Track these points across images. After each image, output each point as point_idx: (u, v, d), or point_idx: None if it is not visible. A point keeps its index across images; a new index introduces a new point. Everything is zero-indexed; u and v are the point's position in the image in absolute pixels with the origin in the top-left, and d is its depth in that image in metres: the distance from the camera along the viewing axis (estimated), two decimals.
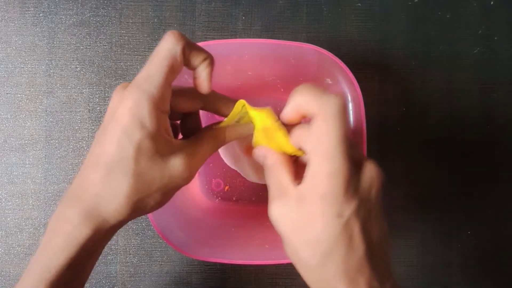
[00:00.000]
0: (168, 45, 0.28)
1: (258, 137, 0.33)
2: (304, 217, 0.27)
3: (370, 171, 0.28)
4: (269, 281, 0.48)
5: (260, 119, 0.31)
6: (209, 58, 0.30)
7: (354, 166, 0.27)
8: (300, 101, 0.28)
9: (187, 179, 0.30)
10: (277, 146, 0.31)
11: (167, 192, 0.30)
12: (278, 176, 0.30)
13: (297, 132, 0.30)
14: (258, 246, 0.41)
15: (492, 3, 0.50)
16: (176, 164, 0.29)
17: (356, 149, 0.29)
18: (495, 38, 0.50)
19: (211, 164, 0.48)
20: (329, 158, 0.26)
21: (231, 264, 0.40)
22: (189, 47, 0.29)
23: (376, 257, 0.27)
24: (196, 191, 0.47)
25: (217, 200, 0.48)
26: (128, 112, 0.27)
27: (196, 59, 0.30)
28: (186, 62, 0.29)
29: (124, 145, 0.27)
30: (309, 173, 0.27)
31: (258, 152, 0.33)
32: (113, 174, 0.28)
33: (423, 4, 0.50)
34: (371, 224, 0.27)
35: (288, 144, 0.30)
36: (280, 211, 0.29)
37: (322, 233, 0.26)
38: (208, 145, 0.31)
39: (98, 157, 0.28)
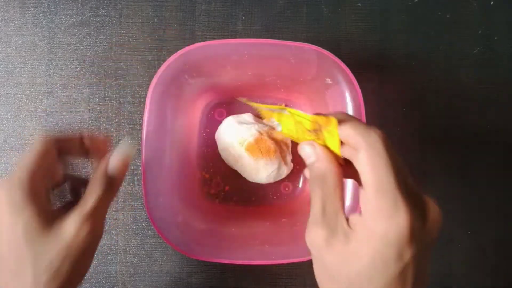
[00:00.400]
0: (38, 141, 0.31)
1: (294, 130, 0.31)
2: (355, 253, 0.25)
3: (434, 213, 0.26)
4: (269, 281, 0.48)
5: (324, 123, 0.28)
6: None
7: (414, 203, 0.25)
8: (345, 136, 0.27)
9: (89, 235, 0.30)
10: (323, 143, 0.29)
11: (76, 259, 0.29)
12: (328, 198, 0.27)
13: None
14: (258, 246, 0.41)
15: (492, 3, 0.50)
16: (68, 226, 0.29)
17: (414, 183, 0.27)
18: (495, 38, 0.50)
19: (211, 165, 0.48)
20: (386, 195, 0.24)
21: (231, 264, 0.39)
22: (61, 141, 0.33)
23: None
24: (196, 191, 0.47)
25: (217, 200, 0.48)
26: (6, 209, 0.28)
27: (72, 147, 0.34)
28: (63, 150, 0.33)
29: (12, 240, 0.28)
30: (366, 208, 0.25)
31: (307, 150, 0.29)
32: (14, 269, 0.28)
33: (423, 4, 0.50)
34: (424, 267, 0.26)
35: (338, 148, 0.28)
36: (325, 240, 0.26)
37: (377, 274, 0.25)
38: (96, 194, 0.31)
39: None
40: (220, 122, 0.47)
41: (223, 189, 0.48)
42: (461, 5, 0.50)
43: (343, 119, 0.28)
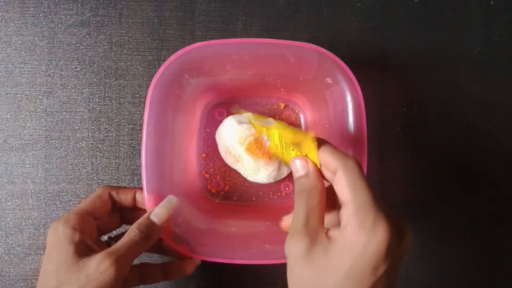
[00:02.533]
0: (97, 192, 0.39)
1: (276, 144, 0.34)
2: (333, 265, 0.26)
3: (410, 233, 0.28)
4: (269, 281, 0.48)
5: (299, 138, 0.32)
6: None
7: (393, 221, 0.26)
8: (323, 160, 0.30)
9: (109, 271, 0.32)
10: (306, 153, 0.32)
11: None
12: (312, 211, 0.29)
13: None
14: (258, 246, 0.41)
15: (492, 3, 0.50)
16: (92, 261, 0.33)
17: (391, 208, 0.28)
18: (495, 38, 0.50)
19: (211, 164, 0.48)
20: (367, 212, 0.26)
21: (231, 264, 0.39)
22: (116, 191, 0.40)
23: None
24: (196, 191, 0.47)
25: (217, 200, 0.48)
26: (50, 242, 0.35)
27: (126, 196, 0.40)
28: (118, 199, 0.40)
29: (48, 267, 0.34)
30: (347, 223, 0.27)
31: (299, 164, 0.32)
32: None
33: (423, 4, 0.50)
34: (394, 281, 0.27)
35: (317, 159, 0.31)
36: (305, 252, 0.27)
37: (351, 286, 0.26)
38: (128, 237, 0.35)
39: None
40: (220, 121, 0.47)
41: (223, 188, 0.48)
42: (461, 5, 0.50)
43: (320, 142, 0.31)
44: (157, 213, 0.37)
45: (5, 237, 0.48)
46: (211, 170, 0.48)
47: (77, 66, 0.49)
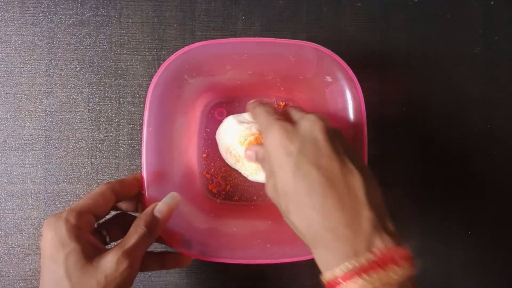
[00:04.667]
0: (100, 189, 0.37)
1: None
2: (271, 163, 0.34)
3: (307, 120, 0.34)
4: (270, 281, 0.48)
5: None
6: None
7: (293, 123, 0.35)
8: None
9: (127, 270, 0.32)
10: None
11: None
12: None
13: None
14: (260, 245, 0.41)
15: (492, 2, 0.50)
16: (108, 261, 0.32)
17: (298, 112, 0.38)
18: (495, 38, 0.50)
19: (212, 164, 0.48)
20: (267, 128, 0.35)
21: (232, 264, 0.39)
22: (120, 184, 0.38)
23: (333, 182, 0.31)
24: (197, 191, 0.47)
25: (218, 200, 0.48)
26: (50, 241, 0.32)
27: (129, 191, 0.38)
28: (122, 194, 0.38)
29: (54, 269, 0.31)
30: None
31: (249, 152, 0.41)
32: None
33: (423, 4, 0.50)
34: (322, 158, 0.32)
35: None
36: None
37: (281, 169, 0.32)
38: (137, 234, 0.34)
39: None
40: (221, 121, 0.47)
41: (224, 188, 0.48)
42: (461, 5, 0.50)
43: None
44: (160, 209, 0.36)
45: (5, 237, 0.48)
46: (212, 170, 0.48)
47: (77, 66, 0.49)
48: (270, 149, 0.34)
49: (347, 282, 0.27)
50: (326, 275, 0.29)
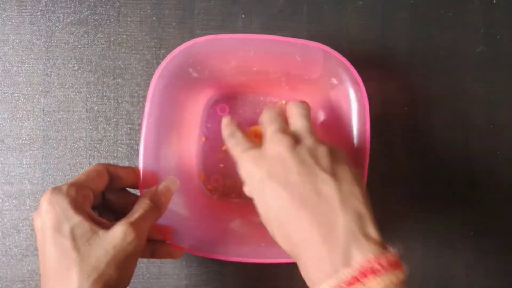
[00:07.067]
0: (93, 166, 0.36)
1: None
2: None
3: (270, 142, 0.34)
4: (264, 281, 0.48)
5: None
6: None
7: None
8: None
9: (135, 241, 0.32)
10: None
11: (121, 264, 0.31)
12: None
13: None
14: (254, 244, 0.40)
15: (494, 1, 0.50)
16: (116, 231, 0.32)
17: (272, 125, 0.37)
18: (498, 36, 0.50)
19: (211, 160, 0.48)
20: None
21: (230, 265, 0.39)
22: (115, 168, 0.38)
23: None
24: (194, 187, 0.47)
25: (215, 196, 0.47)
26: (51, 214, 0.31)
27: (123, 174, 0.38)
28: (116, 178, 0.37)
29: (59, 242, 0.31)
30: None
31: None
32: (60, 274, 0.31)
33: (425, 2, 0.49)
34: (290, 175, 0.31)
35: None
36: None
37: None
38: (143, 208, 0.34)
39: (45, 266, 0.32)
40: (222, 117, 0.47)
41: (222, 184, 0.48)
42: (464, 4, 0.50)
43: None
44: (162, 189, 0.37)
45: (2, 238, 0.48)
46: (210, 165, 0.48)
47: (75, 65, 0.48)
48: (245, 181, 0.35)
49: None
50: None
